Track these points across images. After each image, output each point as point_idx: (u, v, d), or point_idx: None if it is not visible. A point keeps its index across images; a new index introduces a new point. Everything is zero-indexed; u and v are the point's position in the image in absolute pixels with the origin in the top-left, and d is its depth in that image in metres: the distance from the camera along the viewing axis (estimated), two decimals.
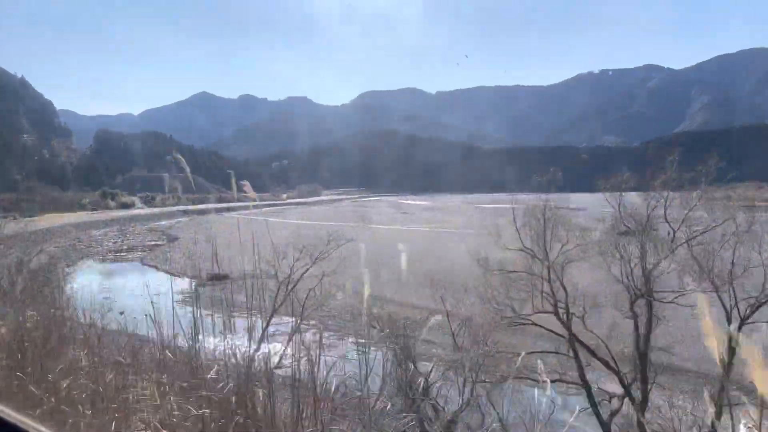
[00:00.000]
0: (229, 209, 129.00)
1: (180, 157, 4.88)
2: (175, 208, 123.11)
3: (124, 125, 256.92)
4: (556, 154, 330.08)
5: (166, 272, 48.29)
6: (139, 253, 57.73)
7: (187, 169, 4.97)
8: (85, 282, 36.94)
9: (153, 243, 66.96)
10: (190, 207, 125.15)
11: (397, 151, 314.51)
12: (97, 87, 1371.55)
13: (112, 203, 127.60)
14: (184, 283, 42.63)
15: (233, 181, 4.86)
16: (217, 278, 43.80)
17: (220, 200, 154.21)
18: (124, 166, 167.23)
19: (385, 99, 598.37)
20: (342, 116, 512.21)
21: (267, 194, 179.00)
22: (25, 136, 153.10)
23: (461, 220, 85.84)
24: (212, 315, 5.68)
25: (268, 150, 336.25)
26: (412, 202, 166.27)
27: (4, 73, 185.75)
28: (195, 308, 5.00)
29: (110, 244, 68.77)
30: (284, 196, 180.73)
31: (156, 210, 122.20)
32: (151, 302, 5.61)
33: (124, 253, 58.44)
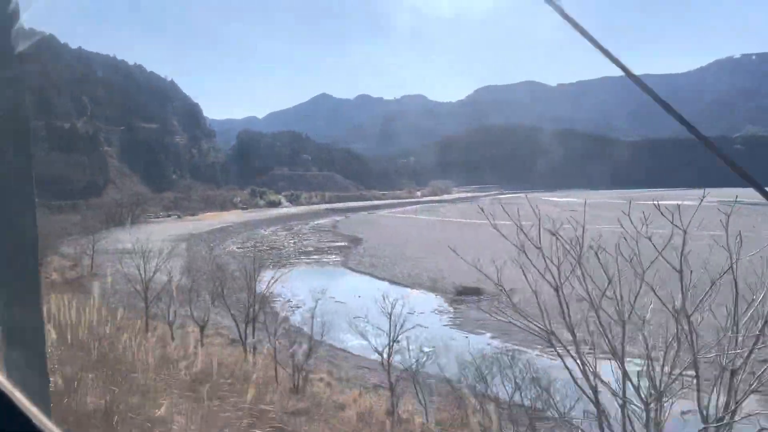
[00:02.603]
0: (375, 207, 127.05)
1: None
2: (322, 207, 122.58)
3: (252, 128, 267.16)
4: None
5: (386, 279, 44.21)
6: (332, 256, 54.30)
7: None
8: (315, 290, 32.44)
9: (335, 244, 63.83)
10: (338, 205, 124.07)
11: (519, 146, 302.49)
12: (225, 92, 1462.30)
13: (261, 201, 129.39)
14: (422, 296, 37.77)
15: None
16: (468, 292, 36.71)
17: (358, 198, 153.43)
18: (267, 165, 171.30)
19: (502, 93, 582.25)
20: (459, 112, 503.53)
21: (402, 191, 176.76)
22: (177, 137, 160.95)
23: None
24: None
25: (386, 148, 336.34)
26: (558, 199, 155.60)
27: (156, 77, 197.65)
28: None
29: (289, 244, 66.59)
30: (418, 193, 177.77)
31: (303, 208, 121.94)
32: None
33: (315, 256, 55.41)
